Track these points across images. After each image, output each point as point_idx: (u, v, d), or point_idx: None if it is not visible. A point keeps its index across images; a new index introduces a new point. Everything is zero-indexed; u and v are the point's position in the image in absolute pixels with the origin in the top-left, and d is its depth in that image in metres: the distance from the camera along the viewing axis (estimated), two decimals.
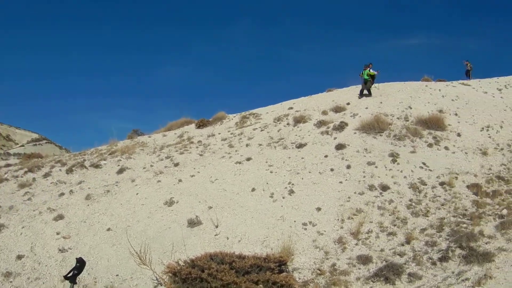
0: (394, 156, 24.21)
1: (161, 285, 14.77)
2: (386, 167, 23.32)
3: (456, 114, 30.48)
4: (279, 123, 32.09)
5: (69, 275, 10.88)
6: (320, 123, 29.92)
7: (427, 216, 19.15)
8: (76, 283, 11.22)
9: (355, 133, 27.61)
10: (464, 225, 17.66)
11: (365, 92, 36.19)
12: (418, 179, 22.26)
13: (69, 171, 27.11)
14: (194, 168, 25.34)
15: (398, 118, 29.67)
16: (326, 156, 24.95)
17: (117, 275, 16.56)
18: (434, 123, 28.00)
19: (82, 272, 14.18)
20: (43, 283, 16.32)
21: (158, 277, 14.65)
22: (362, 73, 36.14)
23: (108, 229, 19.63)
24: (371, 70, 36.56)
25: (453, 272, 14.25)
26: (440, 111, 30.56)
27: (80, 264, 10.99)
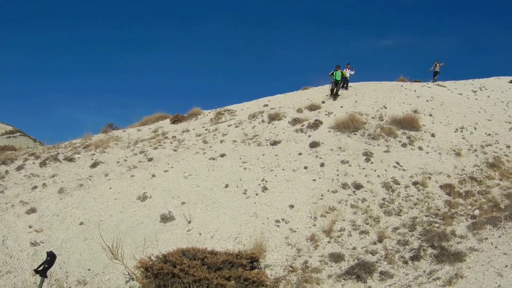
0: (368, 155, 24.29)
1: (133, 280, 14.74)
2: (359, 166, 23.39)
3: (430, 115, 30.66)
4: (254, 120, 32.03)
5: (39, 269, 10.80)
6: (295, 121, 29.92)
7: (400, 215, 19.25)
8: (46, 277, 11.13)
9: (329, 131, 27.65)
10: (436, 225, 17.78)
11: (335, 91, 35.57)
12: (391, 178, 22.37)
13: (43, 164, 26.82)
14: (168, 164, 25.24)
15: (372, 118, 29.78)
16: (300, 154, 24.97)
17: (89, 270, 16.41)
18: (408, 123, 28.14)
19: (54, 266, 14.07)
20: (15, 276, 16.14)
21: (130, 272, 14.61)
22: (333, 73, 35.48)
23: (81, 223, 19.48)
24: (347, 70, 36.70)
25: (424, 271, 14.34)
26: (415, 111, 30.72)
27: (51, 258, 10.90)
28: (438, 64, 45.10)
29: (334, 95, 35.27)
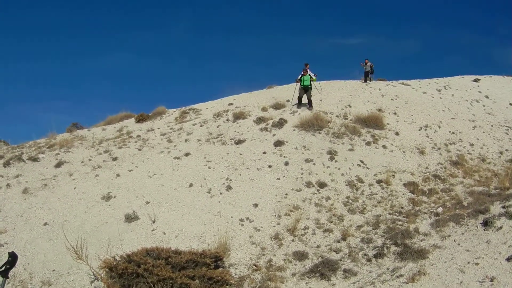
0: (332, 154, 24.30)
1: (98, 280, 14.60)
2: (324, 164, 23.40)
3: (395, 113, 30.85)
4: (219, 118, 31.92)
5: (1, 270, 10.60)
6: (260, 120, 29.84)
7: (364, 213, 19.30)
8: (8, 277, 10.89)
9: (294, 130, 27.64)
10: (400, 223, 17.85)
11: (304, 101, 32.36)
12: (355, 176, 22.41)
13: (6, 164, 26.44)
14: (133, 163, 25.06)
15: (337, 116, 29.86)
16: (264, 153, 24.91)
17: (53, 270, 16.19)
18: (373, 122, 28.27)
19: (18, 267, 13.85)
20: None
21: (94, 272, 14.44)
22: (301, 78, 31.76)
23: (45, 224, 19.23)
24: (310, 72, 31.99)
25: (388, 269, 14.35)
26: (379, 110, 30.89)
27: (13, 259, 10.66)
28: (368, 63, 41.83)
29: (303, 104, 32.31)
